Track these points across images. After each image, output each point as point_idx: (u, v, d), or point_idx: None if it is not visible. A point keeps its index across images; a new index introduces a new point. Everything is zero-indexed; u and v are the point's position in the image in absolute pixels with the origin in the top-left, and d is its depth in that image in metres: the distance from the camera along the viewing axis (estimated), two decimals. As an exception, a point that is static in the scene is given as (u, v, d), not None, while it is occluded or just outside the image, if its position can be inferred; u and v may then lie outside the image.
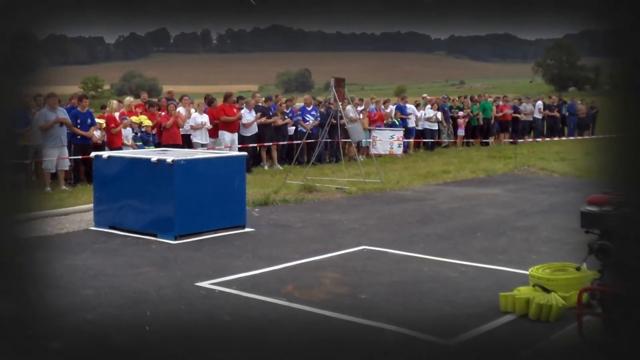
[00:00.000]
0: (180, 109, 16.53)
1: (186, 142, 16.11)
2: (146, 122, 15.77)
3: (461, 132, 24.47)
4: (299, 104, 20.78)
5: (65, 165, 14.19)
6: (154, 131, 15.87)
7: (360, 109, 20.52)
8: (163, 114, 16.33)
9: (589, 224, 5.30)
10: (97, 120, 15.28)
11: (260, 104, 18.60)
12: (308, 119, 19.15)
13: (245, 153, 11.79)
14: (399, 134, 20.71)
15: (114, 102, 16.55)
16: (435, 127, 23.17)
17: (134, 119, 15.67)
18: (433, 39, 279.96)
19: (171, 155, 10.16)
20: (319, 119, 18.82)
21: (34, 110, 14.07)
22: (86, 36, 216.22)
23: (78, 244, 9.38)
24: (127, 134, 15.34)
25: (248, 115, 17.52)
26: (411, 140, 22.23)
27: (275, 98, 19.94)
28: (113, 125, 15.09)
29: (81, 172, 14.84)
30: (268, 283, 7.32)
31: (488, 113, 25.13)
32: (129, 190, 10.09)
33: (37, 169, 14.20)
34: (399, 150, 20.51)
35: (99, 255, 8.71)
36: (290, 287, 7.12)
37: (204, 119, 16.48)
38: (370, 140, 20.14)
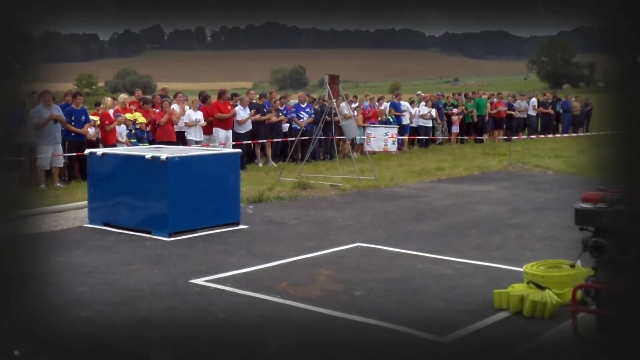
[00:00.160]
0: (175, 106, 16.51)
1: (180, 139, 16.09)
2: (140, 119, 15.74)
3: (455, 129, 24.49)
4: (293, 101, 20.79)
5: (60, 162, 14.17)
6: (148, 128, 15.86)
7: (354, 106, 20.55)
8: (157, 111, 16.32)
9: (584, 221, 5.31)
10: (92, 117, 15.26)
11: (254, 101, 18.57)
12: (302, 116, 19.13)
13: (239, 150, 11.76)
14: (393, 131, 20.75)
15: (108, 99, 16.51)
16: (429, 124, 23.17)
17: (128, 116, 15.64)
18: (427, 36, 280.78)
19: (165, 152, 10.15)
20: (313, 116, 18.83)
21: (28, 107, 14.02)
22: (80, 33, 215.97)
23: (72, 241, 9.36)
24: (122, 131, 15.30)
25: (242, 112, 17.50)
26: (405, 137, 22.25)
27: (269, 95, 19.92)
28: (107, 122, 15.06)
29: (75, 169, 14.83)
30: (262, 280, 7.31)
31: (482, 110, 25.15)
32: (123, 188, 10.07)
33: (32, 166, 14.16)
34: (393, 147, 20.53)
35: (93, 252, 8.69)
36: (285, 284, 7.12)
37: (198, 116, 16.47)
38: (365, 137, 20.13)
